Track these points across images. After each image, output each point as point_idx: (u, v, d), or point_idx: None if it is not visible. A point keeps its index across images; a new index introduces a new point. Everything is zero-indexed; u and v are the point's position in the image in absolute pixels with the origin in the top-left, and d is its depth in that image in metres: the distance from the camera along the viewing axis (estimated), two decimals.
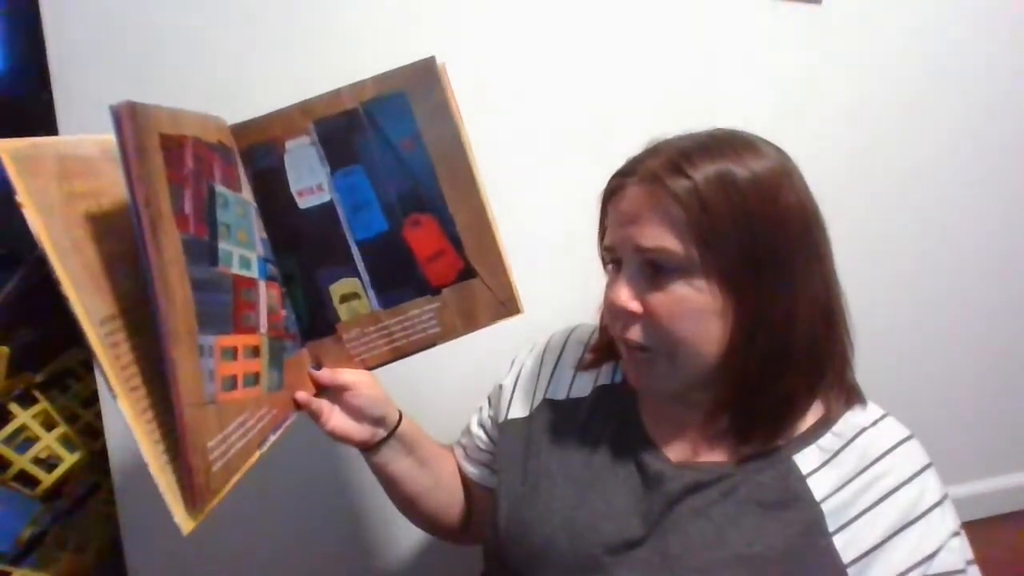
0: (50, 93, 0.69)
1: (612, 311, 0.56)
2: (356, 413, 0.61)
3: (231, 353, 0.51)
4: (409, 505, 0.69)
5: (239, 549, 0.86)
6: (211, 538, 0.84)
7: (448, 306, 0.62)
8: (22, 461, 0.76)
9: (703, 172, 0.51)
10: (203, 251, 0.49)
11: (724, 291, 0.51)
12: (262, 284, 0.57)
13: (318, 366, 0.61)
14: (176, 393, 0.43)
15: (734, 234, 0.51)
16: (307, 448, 0.84)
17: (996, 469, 1.22)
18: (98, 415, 0.79)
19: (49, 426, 0.80)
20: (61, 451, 0.79)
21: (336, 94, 0.58)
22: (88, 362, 0.86)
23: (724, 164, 0.51)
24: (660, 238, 0.52)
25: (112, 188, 0.48)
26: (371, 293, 0.61)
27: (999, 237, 1.10)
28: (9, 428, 0.77)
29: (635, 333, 0.54)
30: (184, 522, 0.44)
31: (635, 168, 0.55)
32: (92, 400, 0.84)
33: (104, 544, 0.86)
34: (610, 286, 0.57)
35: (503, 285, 0.62)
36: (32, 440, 0.78)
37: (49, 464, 0.79)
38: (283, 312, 0.59)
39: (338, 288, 0.61)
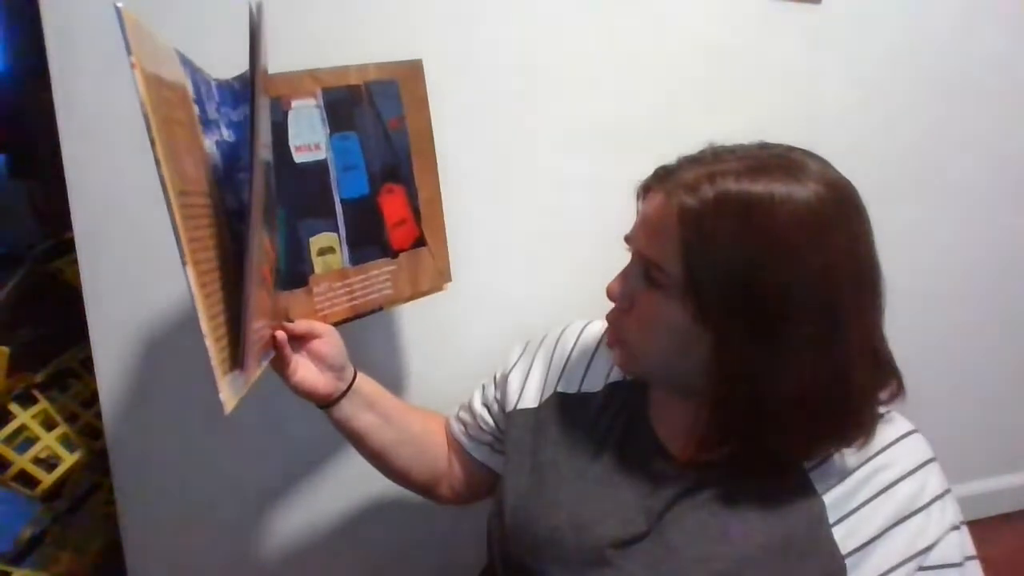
0: (50, 93, 0.69)
1: (607, 293, 0.58)
2: (321, 362, 0.62)
3: (266, 256, 0.54)
4: (377, 459, 0.71)
5: (238, 548, 0.86)
6: (210, 538, 0.85)
7: (402, 268, 0.70)
8: (22, 461, 0.76)
9: (720, 200, 0.49)
10: (269, 165, 0.56)
11: (703, 326, 0.50)
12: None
13: (287, 317, 0.63)
14: (250, 263, 0.47)
15: (725, 277, 0.49)
16: (304, 447, 0.85)
17: (996, 469, 1.22)
18: (98, 415, 0.79)
19: (49, 426, 0.80)
20: (61, 451, 0.79)
21: (344, 69, 0.64)
22: (88, 362, 0.85)
23: (745, 196, 0.48)
24: (657, 252, 0.52)
25: (175, 85, 0.49)
26: (345, 248, 0.66)
27: (1001, 236, 1.10)
28: (9, 428, 0.77)
29: (616, 321, 0.58)
30: (228, 399, 0.46)
31: (667, 175, 0.54)
32: (92, 400, 0.83)
33: (104, 544, 0.87)
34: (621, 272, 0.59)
35: (443, 256, 0.73)
36: (32, 440, 0.78)
37: (49, 464, 0.79)
38: (278, 251, 0.63)
39: (317, 241, 0.65)
